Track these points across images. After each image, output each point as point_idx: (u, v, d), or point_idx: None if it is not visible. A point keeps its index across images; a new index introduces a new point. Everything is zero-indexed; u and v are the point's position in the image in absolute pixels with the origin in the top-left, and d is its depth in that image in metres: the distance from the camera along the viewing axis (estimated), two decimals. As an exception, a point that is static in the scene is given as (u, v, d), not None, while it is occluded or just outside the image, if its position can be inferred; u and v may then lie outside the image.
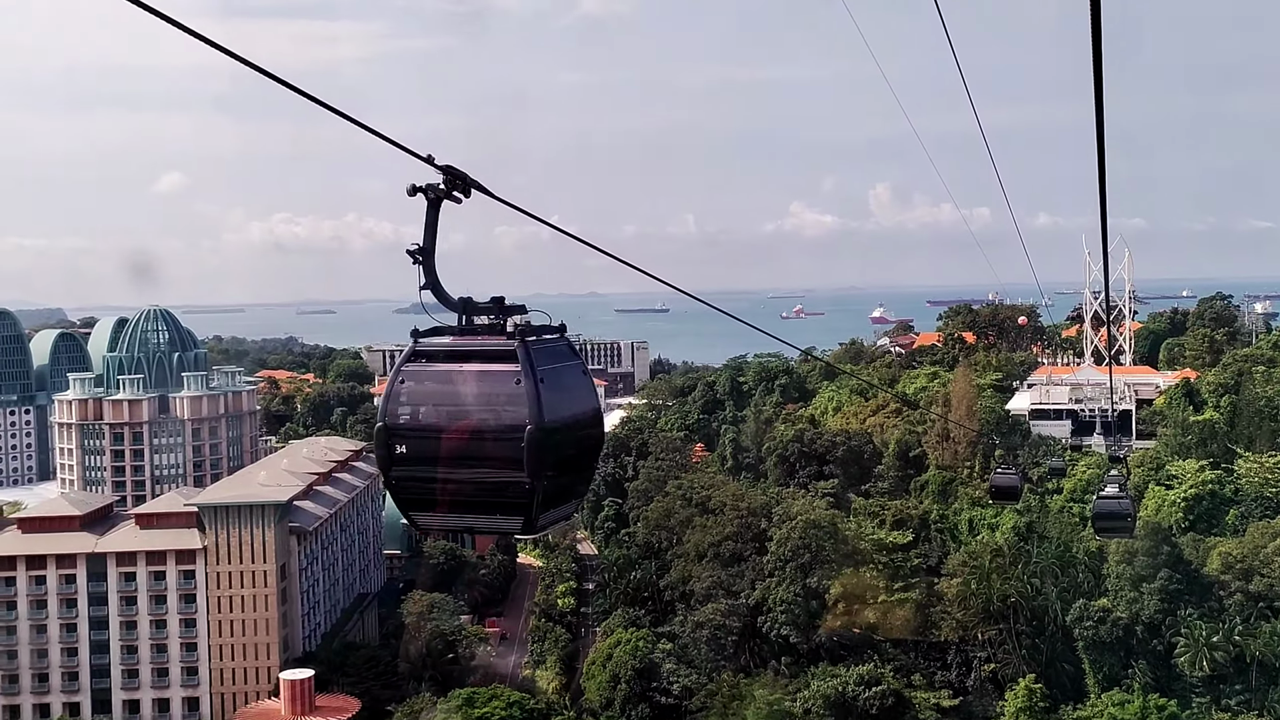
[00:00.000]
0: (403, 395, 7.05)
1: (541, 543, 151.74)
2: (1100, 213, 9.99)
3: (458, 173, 6.50)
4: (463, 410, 6.86)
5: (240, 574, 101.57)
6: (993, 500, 36.49)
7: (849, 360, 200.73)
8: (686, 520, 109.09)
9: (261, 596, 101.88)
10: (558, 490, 6.89)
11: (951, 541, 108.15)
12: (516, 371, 6.72)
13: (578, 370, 7.35)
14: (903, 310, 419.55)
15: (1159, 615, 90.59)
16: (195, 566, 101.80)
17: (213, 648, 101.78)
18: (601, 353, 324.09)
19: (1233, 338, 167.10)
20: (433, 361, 7.05)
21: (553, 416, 6.65)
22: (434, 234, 6.83)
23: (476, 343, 7.01)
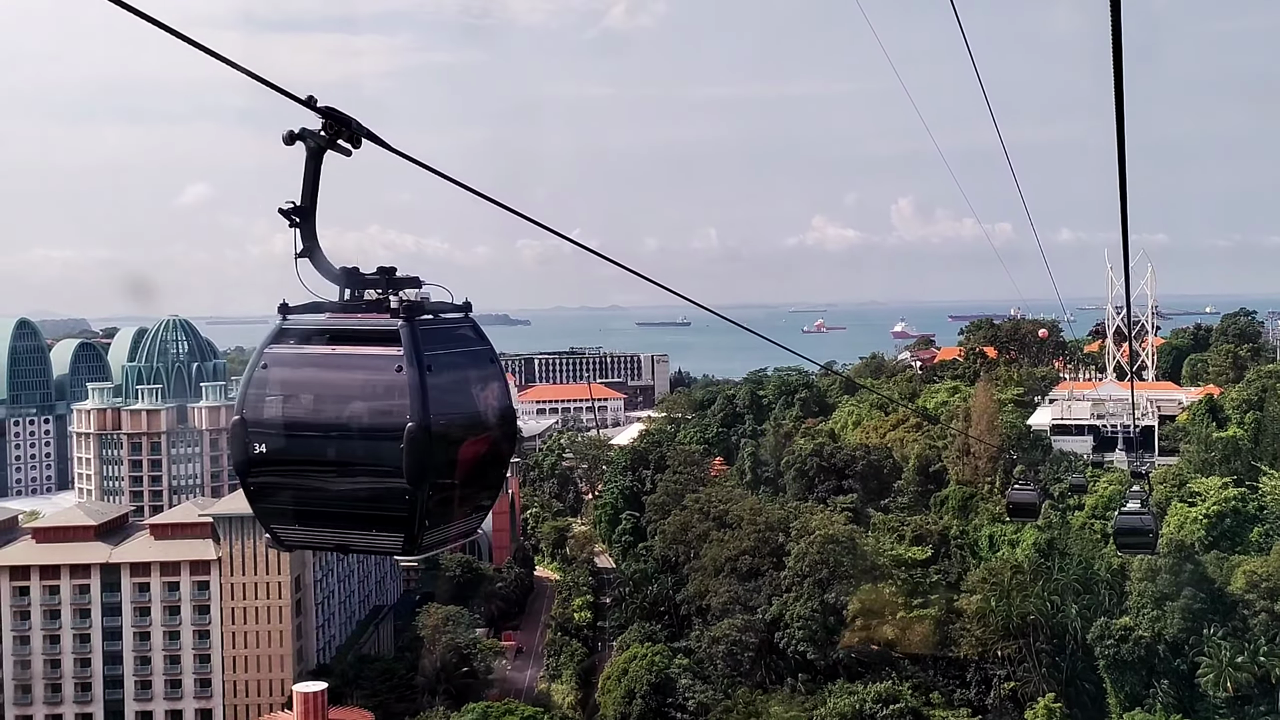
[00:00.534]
0: (265, 383, 6.00)
1: (559, 555, 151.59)
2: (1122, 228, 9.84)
3: (341, 116, 5.51)
4: (335, 403, 5.79)
5: (255, 585, 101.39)
6: (1010, 517, 35.45)
7: (869, 375, 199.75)
8: (704, 534, 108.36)
9: (276, 608, 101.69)
10: (448, 503, 5.85)
11: (971, 557, 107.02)
12: (398, 357, 5.65)
13: (482, 359, 6.22)
14: (924, 325, 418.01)
15: (1182, 634, 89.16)
16: (210, 577, 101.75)
17: (226, 659, 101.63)
18: (621, 365, 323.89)
19: (1256, 354, 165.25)
20: (303, 343, 5.99)
21: (442, 413, 5.62)
22: (314, 190, 5.79)
23: (354, 321, 5.91)
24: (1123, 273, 22.79)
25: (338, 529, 5.89)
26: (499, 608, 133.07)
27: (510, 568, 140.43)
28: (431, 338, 5.82)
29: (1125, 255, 13.48)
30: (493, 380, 6.23)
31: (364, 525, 5.77)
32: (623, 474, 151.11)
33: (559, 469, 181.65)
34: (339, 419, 5.74)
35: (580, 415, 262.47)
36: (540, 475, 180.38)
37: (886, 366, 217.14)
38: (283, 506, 5.96)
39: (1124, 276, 28.06)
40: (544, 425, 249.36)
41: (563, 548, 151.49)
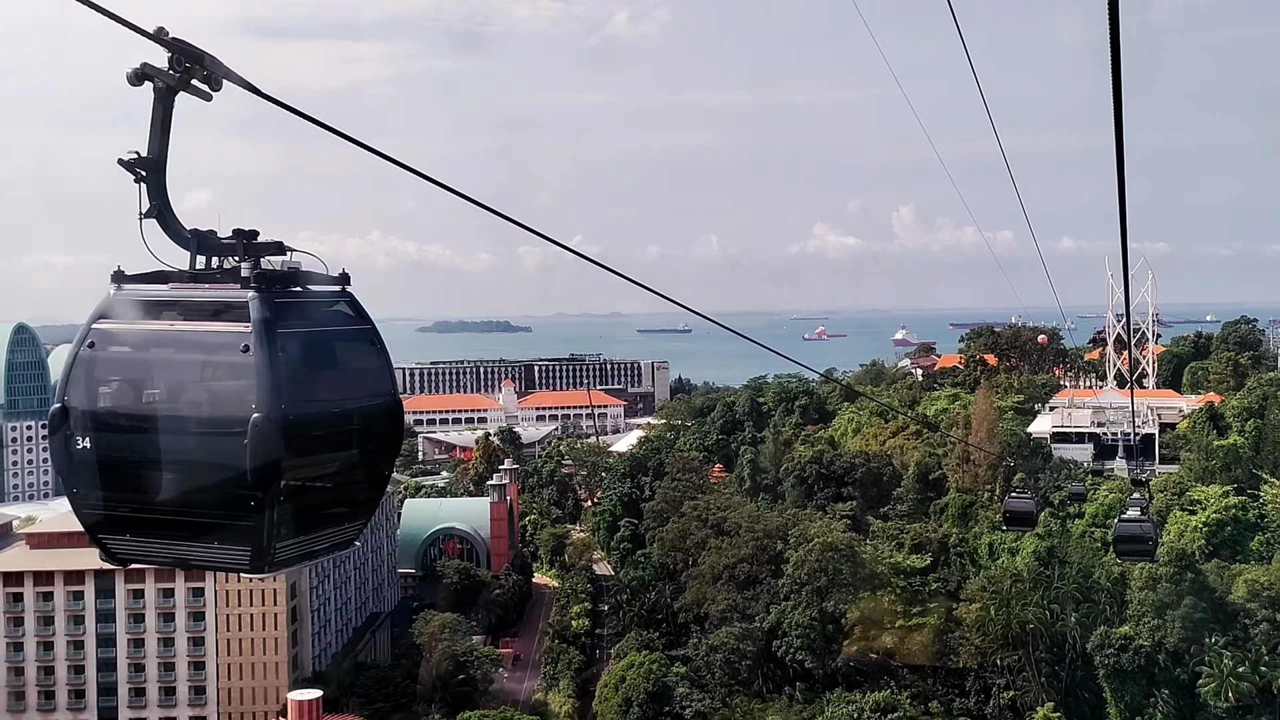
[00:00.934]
0: (91, 366, 5.07)
1: (558, 562, 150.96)
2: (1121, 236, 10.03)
3: (193, 52, 4.60)
4: (171, 389, 4.90)
5: (250, 592, 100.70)
6: (1007, 526, 34.96)
7: (870, 382, 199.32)
8: (702, 542, 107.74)
9: (271, 615, 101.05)
10: (307, 511, 4.97)
11: (971, 566, 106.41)
12: (246, 334, 4.71)
13: (359, 340, 5.26)
14: (925, 333, 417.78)
15: (1182, 644, 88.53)
16: (204, 584, 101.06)
17: (221, 667, 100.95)
18: (621, 372, 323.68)
19: (1257, 362, 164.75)
20: (137, 319, 5.02)
21: (298, 402, 4.69)
22: (164, 139, 4.85)
23: (199, 293, 4.93)
24: (1123, 280, 22.45)
25: (176, 541, 5.04)
26: (497, 615, 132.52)
27: (508, 575, 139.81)
28: (291, 313, 4.89)
29: (1124, 263, 13.31)
30: (370, 365, 5.33)
31: (206, 537, 4.92)
32: (621, 481, 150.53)
33: (558, 475, 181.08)
34: (176, 408, 4.90)
35: (580, 422, 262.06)
36: (539, 482, 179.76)
37: (887, 374, 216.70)
38: (111, 514, 5.08)
39: (1124, 284, 27.75)
40: (544, 431, 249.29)
41: (561, 555, 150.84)
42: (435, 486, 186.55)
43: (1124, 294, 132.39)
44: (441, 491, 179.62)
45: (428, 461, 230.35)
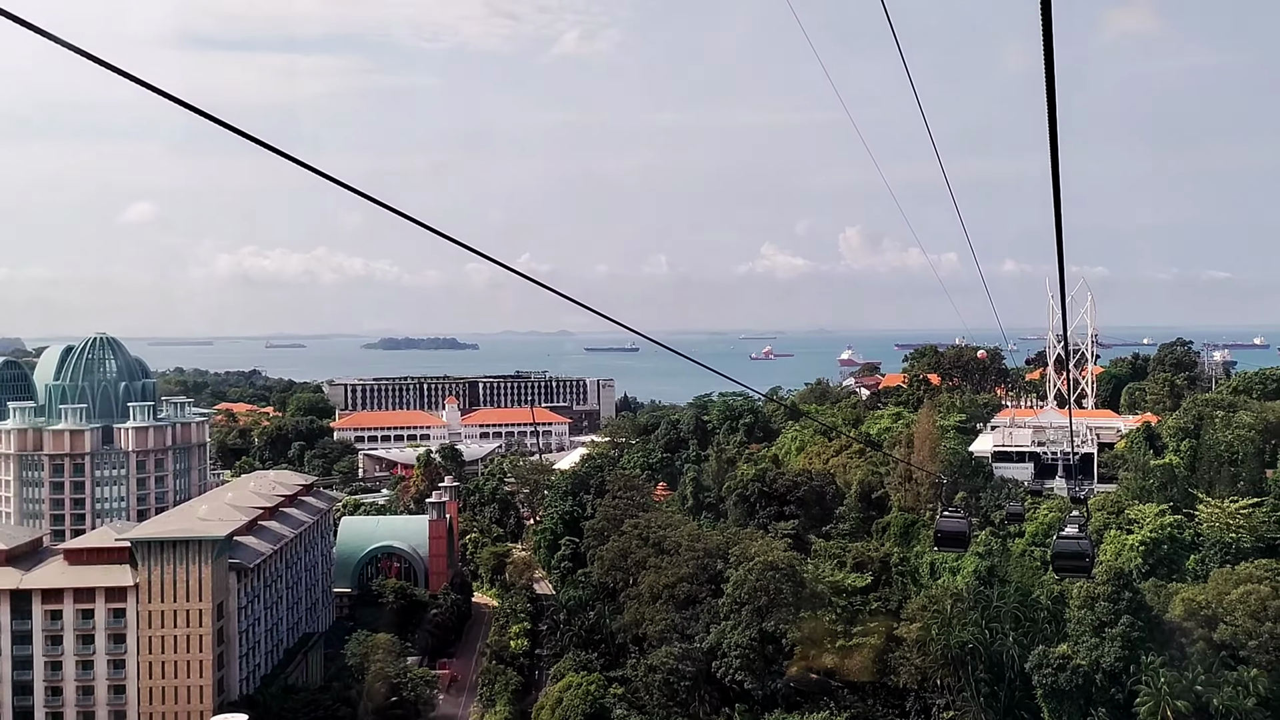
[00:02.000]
0: None
1: (499, 581, 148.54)
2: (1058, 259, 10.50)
3: None
4: None
5: (174, 613, 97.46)
6: (938, 548, 33.16)
7: (814, 401, 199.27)
8: (642, 561, 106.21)
9: (196, 637, 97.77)
10: None
11: (912, 585, 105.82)
12: None
13: None
14: (871, 353, 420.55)
15: (1120, 663, 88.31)
16: (126, 605, 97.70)
17: (142, 690, 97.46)
18: (567, 390, 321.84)
19: (1193, 383, 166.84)
20: None
21: None
22: None
23: None
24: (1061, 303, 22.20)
25: None
26: (434, 636, 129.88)
27: (447, 594, 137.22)
28: None
29: (1061, 285, 13.19)
30: None
31: None
32: (563, 499, 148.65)
33: (500, 493, 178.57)
34: None
35: (524, 439, 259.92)
36: (481, 500, 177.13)
37: (831, 393, 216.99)
38: None
39: (1061, 307, 27.17)
40: (487, 449, 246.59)
41: (502, 574, 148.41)
42: (375, 504, 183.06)
43: (1062, 317, 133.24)
44: (381, 510, 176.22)
45: (368, 479, 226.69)
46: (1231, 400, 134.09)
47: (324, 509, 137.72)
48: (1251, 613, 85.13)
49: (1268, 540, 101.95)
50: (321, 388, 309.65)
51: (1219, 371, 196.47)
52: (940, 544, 35.02)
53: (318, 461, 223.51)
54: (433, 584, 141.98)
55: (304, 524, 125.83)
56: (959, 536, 34.16)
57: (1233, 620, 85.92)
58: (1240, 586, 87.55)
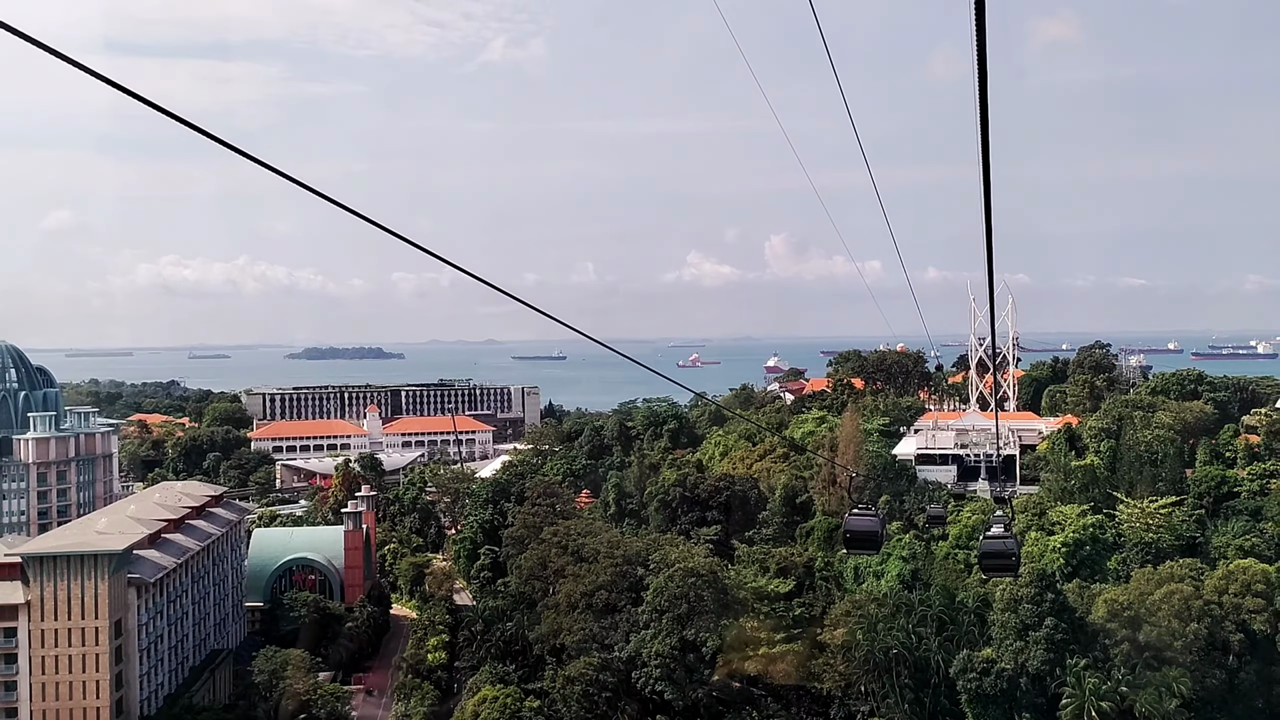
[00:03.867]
0: None
1: (418, 592, 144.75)
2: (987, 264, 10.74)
3: None
4: None
5: (68, 631, 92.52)
6: (847, 550, 30.28)
7: (739, 406, 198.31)
8: (561, 569, 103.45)
9: (92, 655, 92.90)
10: None
11: (836, 590, 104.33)
12: None
13: None
14: (797, 360, 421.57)
15: (1044, 666, 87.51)
16: (17, 623, 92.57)
17: (35, 713, 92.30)
18: (492, 398, 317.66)
19: (1112, 384, 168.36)
20: None
21: None
22: None
23: None
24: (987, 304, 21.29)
25: None
26: (349, 649, 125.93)
27: (363, 606, 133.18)
28: None
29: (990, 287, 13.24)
30: None
31: None
32: (483, 507, 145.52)
33: (420, 503, 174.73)
34: None
35: (448, 448, 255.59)
36: (401, 509, 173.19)
37: (756, 398, 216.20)
38: None
39: (990, 309, 25.58)
40: (409, 458, 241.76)
41: (421, 585, 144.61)
42: (292, 516, 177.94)
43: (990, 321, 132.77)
44: (298, 521, 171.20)
45: (285, 490, 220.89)
46: (1150, 401, 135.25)
47: (234, 521, 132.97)
48: (1174, 613, 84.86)
49: (1187, 539, 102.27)
50: (239, 397, 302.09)
51: (1136, 375, 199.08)
52: (850, 545, 30.72)
53: (233, 472, 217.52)
54: (348, 596, 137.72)
55: (212, 536, 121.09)
56: (870, 538, 30.30)
57: (1155, 621, 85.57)
58: (1162, 587, 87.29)
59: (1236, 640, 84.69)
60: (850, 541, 30.40)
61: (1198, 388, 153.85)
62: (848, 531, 30.04)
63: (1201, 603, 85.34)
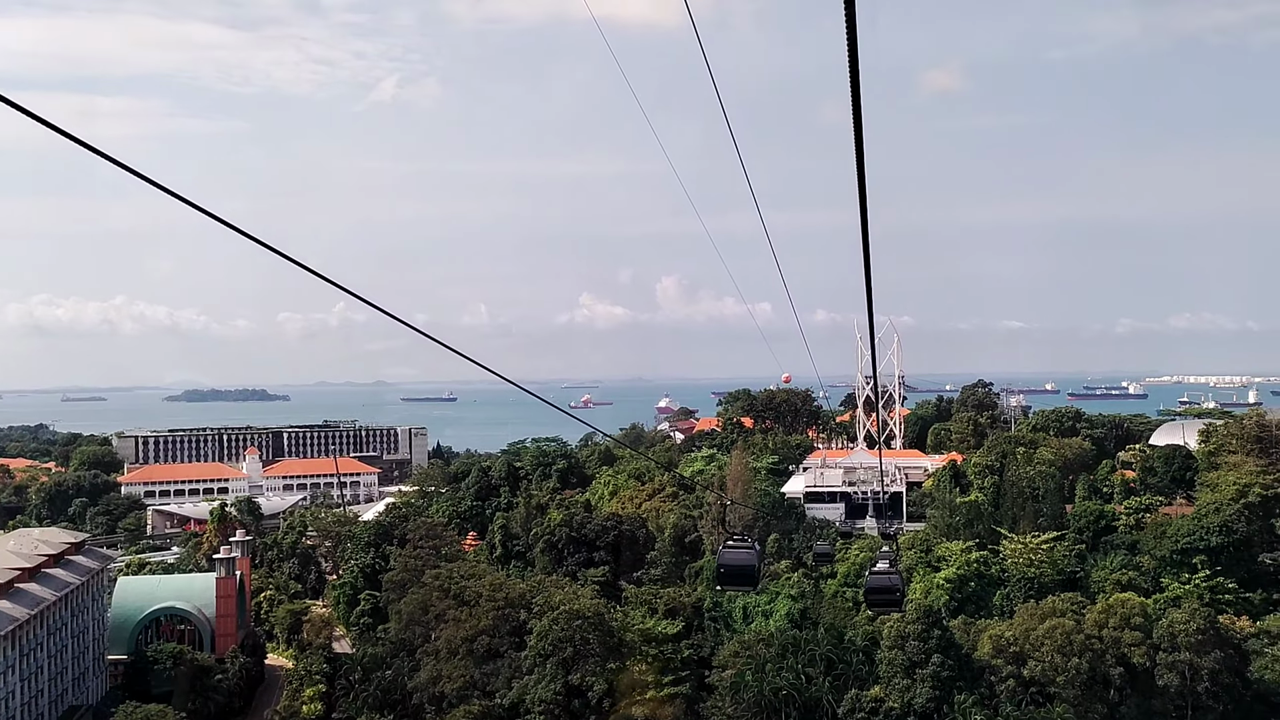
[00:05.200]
0: None
1: (295, 641, 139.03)
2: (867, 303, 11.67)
3: None
4: None
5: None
6: (720, 586, 27.12)
7: (629, 445, 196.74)
8: (442, 614, 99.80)
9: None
10: None
11: (725, 630, 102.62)
12: None
13: None
14: (689, 401, 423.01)
15: (931, 704, 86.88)
16: None
17: None
18: (378, 440, 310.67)
19: (995, 422, 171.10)
20: None
21: None
22: None
23: None
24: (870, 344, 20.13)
25: None
26: (218, 702, 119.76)
27: (235, 657, 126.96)
28: None
29: (871, 328, 14.13)
30: None
31: None
32: (364, 551, 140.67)
33: (300, 548, 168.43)
34: None
35: (331, 491, 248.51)
36: (279, 555, 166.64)
37: (646, 437, 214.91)
38: None
39: (870, 344, 24.55)
40: (290, 501, 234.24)
41: (299, 633, 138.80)
42: (163, 563, 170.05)
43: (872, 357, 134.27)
44: (170, 568, 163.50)
45: (158, 536, 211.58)
46: (1032, 438, 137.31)
47: (96, 569, 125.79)
48: (1057, 648, 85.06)
49: (1068, 573, 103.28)
50: (110, 440, 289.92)
51: (1017, 414, 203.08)
52: (723, 581, 27.49)
53: (101, 518, 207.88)
54: (220, 646, 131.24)
55: (70, 585, 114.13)
56: (745, 572, 27.09)
57: (1040, 656, 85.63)
58: (1046, 621, 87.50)
59: (1117, 674, 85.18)
60: (724, 577, 27.22)
61: (1076, 425, 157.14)
62: (721, 566, 27.05)
63: (1083, 637, 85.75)
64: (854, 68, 7.19)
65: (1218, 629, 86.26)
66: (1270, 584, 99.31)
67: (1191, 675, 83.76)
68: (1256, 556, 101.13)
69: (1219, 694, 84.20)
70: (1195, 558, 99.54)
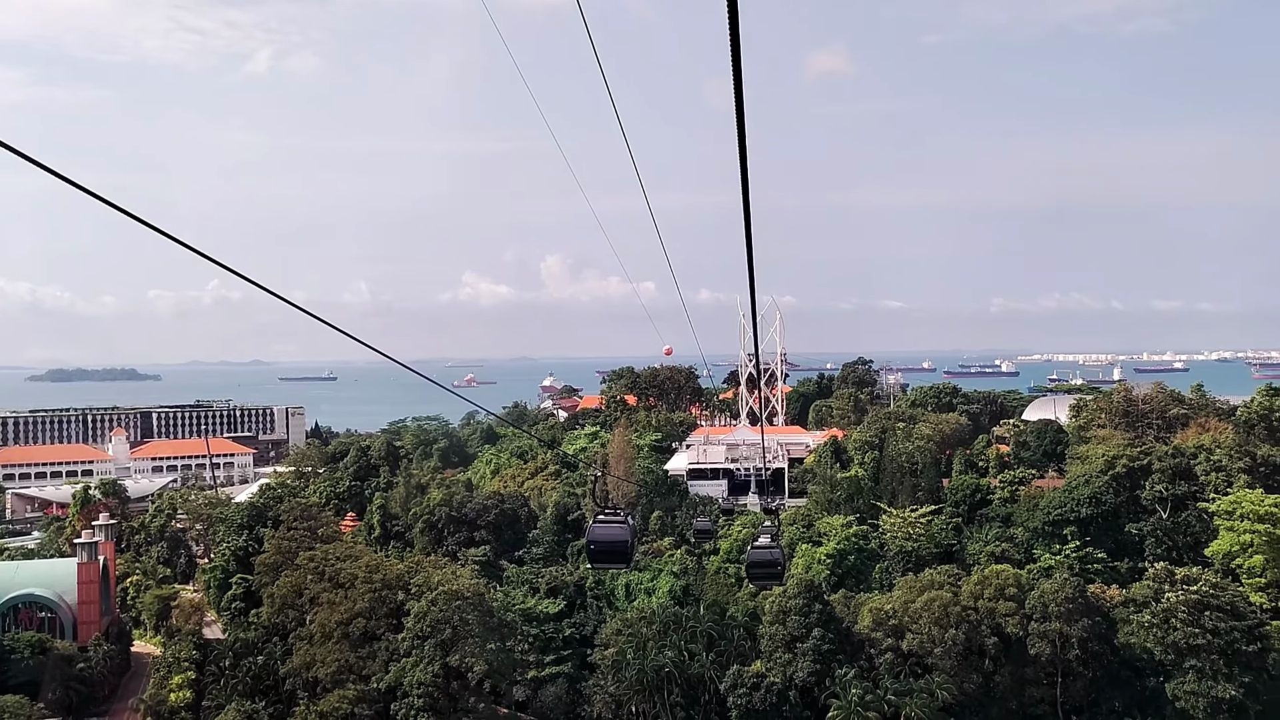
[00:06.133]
0: None
1: (164, 627, 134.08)
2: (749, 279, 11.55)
3: None
4: None
5: None
6: (592, 564, 24.05)
7: (512, 424, 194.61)
8: (316, 597, 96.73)
9: None
10: None
11: (608, 608, 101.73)
12: None
13: None
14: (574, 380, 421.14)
15: (812, 677, 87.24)
16: None
17: None
18: (253, 419, 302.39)
19: (874, 399, 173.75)
20: None
21: None
22: None
23: None
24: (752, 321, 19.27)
25: None
26: (81, 692, 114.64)
27: (98, 645, 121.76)
28: None
29: (753, 304, 13.06)
30: None
31: None
32: (237, 533, 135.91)
33: (169, 531, 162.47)
34: None
35: (203, 473, 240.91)
36: (147, 539, 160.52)
37: (529, 415, 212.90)
38: None
39: (753, 322, 23.66)
40: (159, 484, 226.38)
41: (168, 619, 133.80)
42: (23, 549, 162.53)
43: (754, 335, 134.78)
44: (30, 554, 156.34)
45: (17, 520, 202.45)
46: (911, 413, 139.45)
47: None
48: (935, 619, 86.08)
49: (945, 546, 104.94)
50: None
51: (896, 391, 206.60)
52: (594, 559, 24.15)
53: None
54: (82, 634, 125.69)
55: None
56: (617, 549, 23.94)
57: (918, 629, 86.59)
58: (924, 594, 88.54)
59: (992, 644, 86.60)
60: (595, 554, 24.05)
61: (953, 401, 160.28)
62: (591, 543, 24.05)
63: (960, 608, 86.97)
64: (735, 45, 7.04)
65: (1087, 598, 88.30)
66: (1136, 553, 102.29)
67: (1062, 644, 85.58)
68: (1124, 526, 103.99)
69: (1088, 661, 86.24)
70: (1066, 529, 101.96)
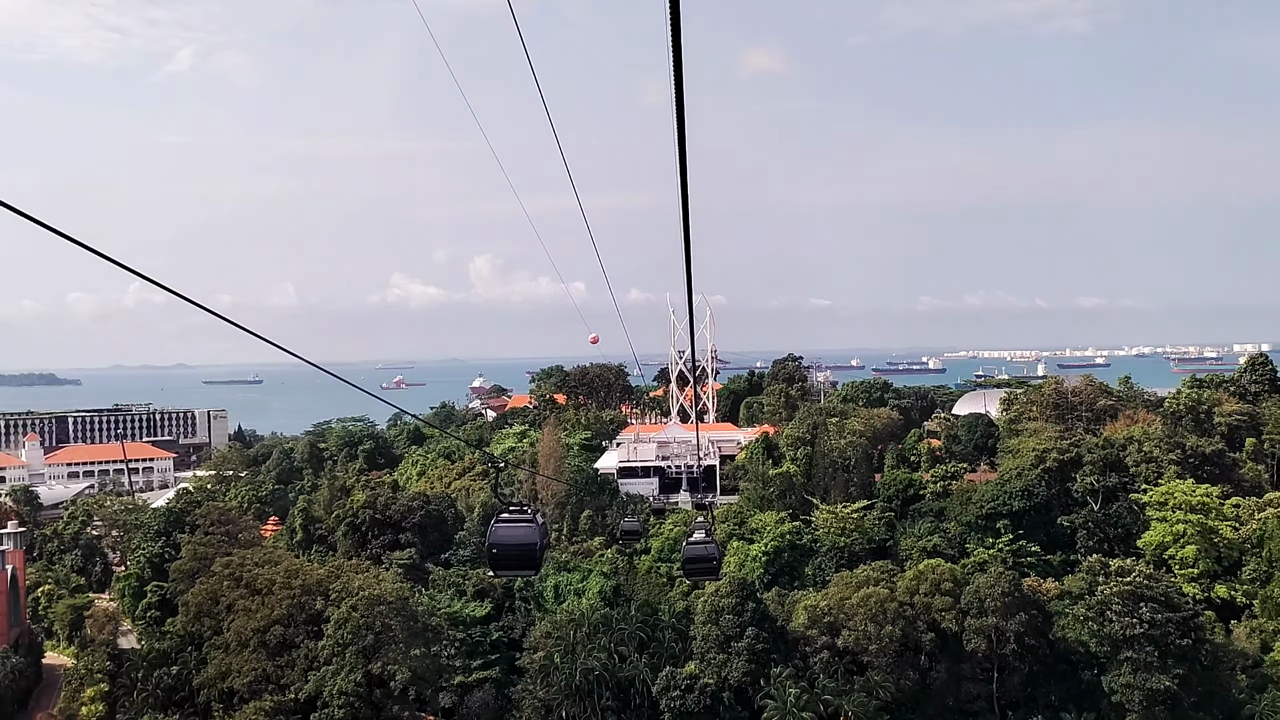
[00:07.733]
0: None
1: (77, 639, 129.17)
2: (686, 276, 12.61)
3: None
4: None
5: None
6: (495, 571, 20.02)
7: (440, 424, 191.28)
8: (233, 604, 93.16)
9: None
10: None
11: (537, 611, 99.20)
12: None
13: None
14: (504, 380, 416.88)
15: (747, 678, 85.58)
16: None
17: None
18: (173, 423, 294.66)
19: (805, 395, 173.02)
20: None
21: None
22: None
23: None
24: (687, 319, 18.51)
25: None
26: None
27: (7, 658, 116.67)
28: None
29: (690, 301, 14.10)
30: None
31: None
32: (153, 540, 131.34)
33: (84, 538, 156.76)
34: None
35: (122, 478, 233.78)
36: (60, 546, 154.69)
37: (458, 415, 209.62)
38: None
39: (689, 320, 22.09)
40: (74, 490, 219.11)
41: (82, 629, 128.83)
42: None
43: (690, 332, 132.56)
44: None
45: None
46: (843, 409, 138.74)
47: None
48: (870, 616, 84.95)
49: (879, 542, 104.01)
50: None
51: (826, 388, 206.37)
52: (497, 566, 20.63)
53: None
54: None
55: None
56: (521, 552, 20.36)
57: (854, 625, 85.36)
58: (859, 590, 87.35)
59: (928, 640, 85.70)
60: (497, 560, 20.56)
61: (884, 396, 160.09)
62: (493, 546, 20.43)
63: (896, 604, 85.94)
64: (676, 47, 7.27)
65: (1023, 592, 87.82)
66: (1068, 546, 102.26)
67: (998, 638, 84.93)
68: (1056, 519, 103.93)
69: (1024, 655, 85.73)
70: (999, 522, 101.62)
